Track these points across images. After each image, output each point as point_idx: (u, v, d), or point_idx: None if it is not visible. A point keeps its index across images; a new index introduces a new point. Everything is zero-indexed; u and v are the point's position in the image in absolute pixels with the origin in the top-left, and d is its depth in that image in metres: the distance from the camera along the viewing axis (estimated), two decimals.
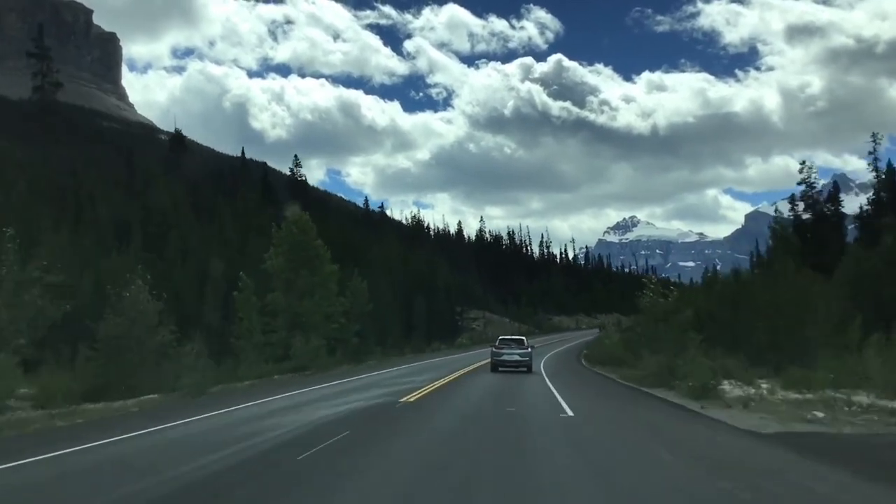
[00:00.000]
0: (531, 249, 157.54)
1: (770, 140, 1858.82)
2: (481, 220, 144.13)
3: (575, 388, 26.94)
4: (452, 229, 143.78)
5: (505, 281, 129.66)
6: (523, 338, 38.64)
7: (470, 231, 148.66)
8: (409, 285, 69.16)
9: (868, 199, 49.19)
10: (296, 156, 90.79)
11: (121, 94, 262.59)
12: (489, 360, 35.70)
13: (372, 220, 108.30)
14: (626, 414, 18.13)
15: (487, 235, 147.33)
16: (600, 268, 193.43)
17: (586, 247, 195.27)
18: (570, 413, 17.00)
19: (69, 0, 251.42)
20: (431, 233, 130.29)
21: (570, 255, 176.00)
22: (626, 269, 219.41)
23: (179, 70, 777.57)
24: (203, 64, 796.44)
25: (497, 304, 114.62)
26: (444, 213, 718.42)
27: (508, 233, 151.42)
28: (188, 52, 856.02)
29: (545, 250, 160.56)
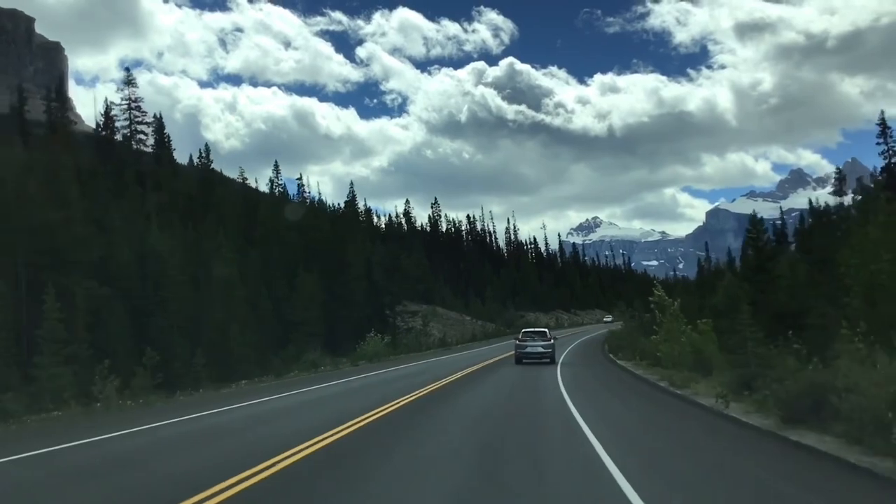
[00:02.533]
0: (496, 241, 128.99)
1: (725, 138, 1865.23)
2: (434, 202, 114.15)
3: None
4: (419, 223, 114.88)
5: (468, 275, 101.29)
6: (546, 330, 37.05)
7: (425, 221, 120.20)
8: (291, 262, 40.12)
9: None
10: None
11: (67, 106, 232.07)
12: None
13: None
14: None
15: (444, 224, 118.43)
16: (576, 261, 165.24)
17: (559, 237, 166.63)
18: None
19: (9, 7, 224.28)
20: (382, 224, 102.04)
21: (543, 247, 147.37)
22: (601, 264, 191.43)
23: (129, 82, 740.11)
24: (152, 75, 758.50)
25: (457, 301, 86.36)
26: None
27: (469, 221, 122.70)
28: (136, 64, 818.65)
29: (512, 237, 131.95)
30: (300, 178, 54.50)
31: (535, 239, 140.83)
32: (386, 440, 10.39)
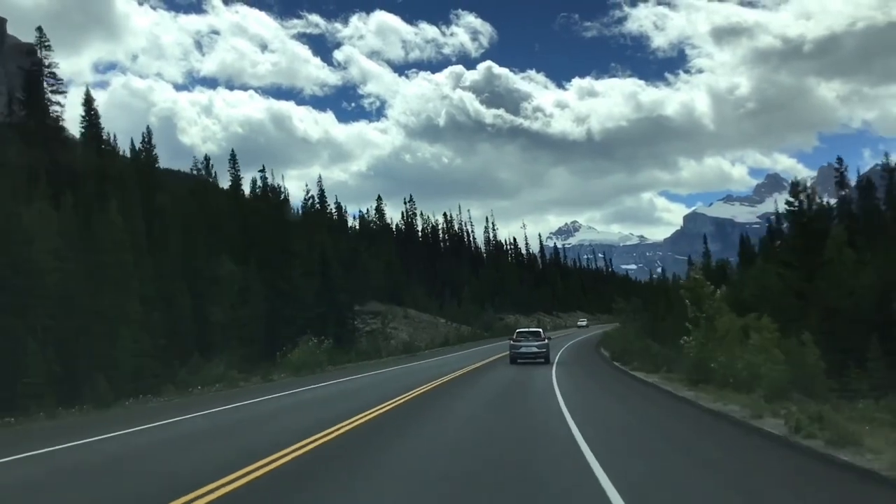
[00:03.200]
0: (474, 241, 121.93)
1: (702, 142, 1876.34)
2: (409, 199, 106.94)
3: None
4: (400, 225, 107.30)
5: (444, 275, 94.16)
6: (539, 330, 37.01)
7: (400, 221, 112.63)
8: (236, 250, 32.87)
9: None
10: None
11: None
12: None
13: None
14: None
15: (419, 224, 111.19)
16: (557, 262, 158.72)
17: (540, 237, 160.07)
18: None
19: None
20: (353, 223, 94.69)
21: (524, 247, 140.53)
22: (582, 265, 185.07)
23: (103, 85, 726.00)
24: (126, 78, 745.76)
25: (431, 303, 79.23)
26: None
27: (446, 219, 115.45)
28: (111, 67, 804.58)
29: (491, 237, 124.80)
30: (262, 169, 48.03)
31: (514, 240, 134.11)
32: None
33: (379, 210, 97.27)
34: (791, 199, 25.91)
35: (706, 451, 9.73)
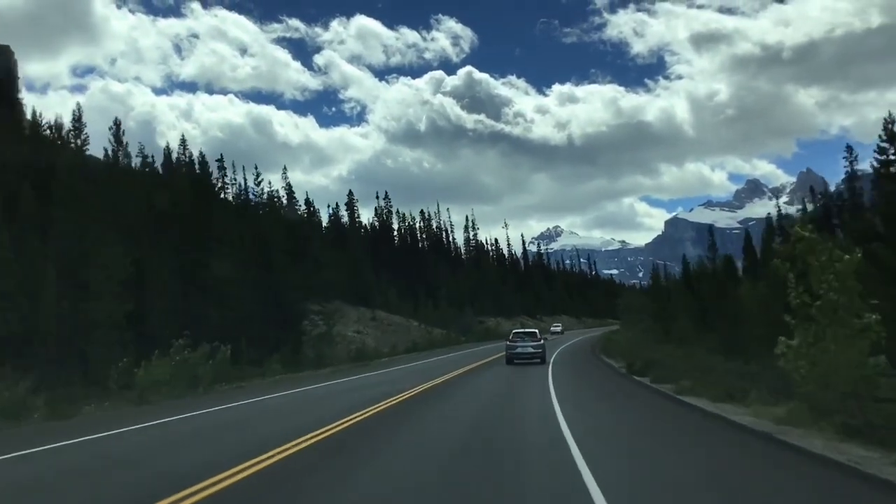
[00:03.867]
0: (454, 241, 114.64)
1: (682, 147, 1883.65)
2: (385, 196, 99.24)
3: None
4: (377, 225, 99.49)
5: (421, 275, 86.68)
6: (536, 331, 36.51)
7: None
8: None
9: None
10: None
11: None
12: None
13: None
14: None
15: (395, 223, 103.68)
16: (540, 264, 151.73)
17: (522, 237, 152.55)
18: None
19: None
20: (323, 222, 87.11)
21: (505, 248, 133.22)
22: (566, 269, 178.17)
23: (81, 89, 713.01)
24: (105, 81, 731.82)
25: (404, 304, 71.76)
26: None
27: (424, 217, 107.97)
28: (89, 70, 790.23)
29: (471, 236, 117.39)
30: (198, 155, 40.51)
31: (496, 241, 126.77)
32: None
33: (350, 207, 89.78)
34: (883, 146, 18.90)
35: None
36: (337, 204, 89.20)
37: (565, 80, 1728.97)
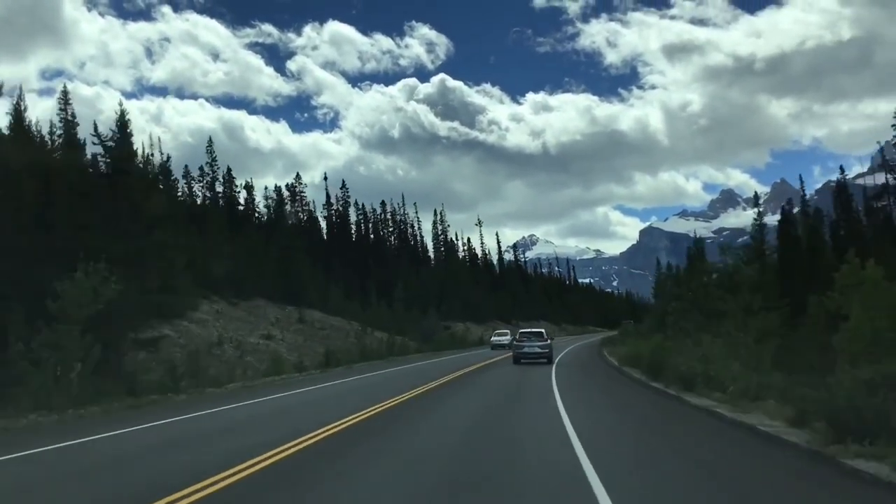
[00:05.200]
0: (420, 235, 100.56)
1: (656, 157, 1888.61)
2: (342, 185, 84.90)
3: None
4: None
5: (380, 273, 72.58)
6: (542, 331, 35.96)
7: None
8: None
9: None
10: None
11: None
12: None
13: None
14: None
15: (354, 216, 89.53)
16: (518, 266, 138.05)
17: (498, 238, 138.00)
18: None
19: None
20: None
21: (478, 247, 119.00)
22: (544, 273, 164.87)
23: (50, 92, 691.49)
24: (74, 85, 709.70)
25: (351, 304, 57.63)
26: None
27: (383, 207, 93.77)
28: (58, 74, 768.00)
29: (440, 231, 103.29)
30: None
31: (468, 240, 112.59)
32: None
33: (293, 189, 75.27)
34: None
35: None
36: (279, 189, 74.67)
37: (539, 89, 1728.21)
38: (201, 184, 64.96)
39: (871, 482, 7.16)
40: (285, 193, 74.14)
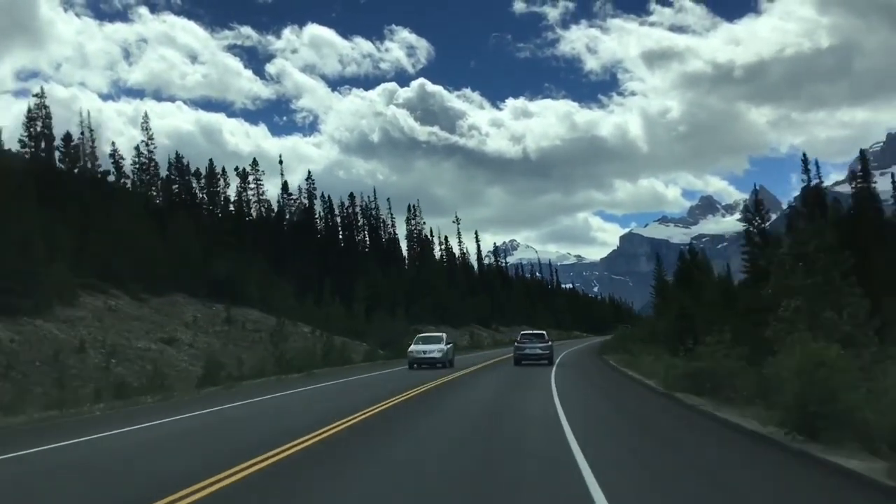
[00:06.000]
0: (392, 230, 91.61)
1: (636, 163, 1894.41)
2: (308, 175, 76.13)
3: None
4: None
5: (344, 271, 63.77)
6: (544, 333, 35.89)
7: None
8: None
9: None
10: None
11: None
12: None
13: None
14: None
15: (319, 206, 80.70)
16: (499, 268, 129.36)
17: (477, 237, 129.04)
18: None
19: None
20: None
21: (456, 246, 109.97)
22: (527, 276, 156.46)
23: (25, 94, 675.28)
24: (49, 86, 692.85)
25: (300, 304, 48.78)
26: None
27: (352, 199, 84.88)
28: (33, 75, 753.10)
29: (414, 229, 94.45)
30: None
31: (446, 238, 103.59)
32: None
33: (242, 176, 66.16)
34: None
35: None
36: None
37: (519, 95, 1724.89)
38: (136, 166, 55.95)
39: None
40: (234, 180, 65.08)
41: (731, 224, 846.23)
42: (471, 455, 9.20)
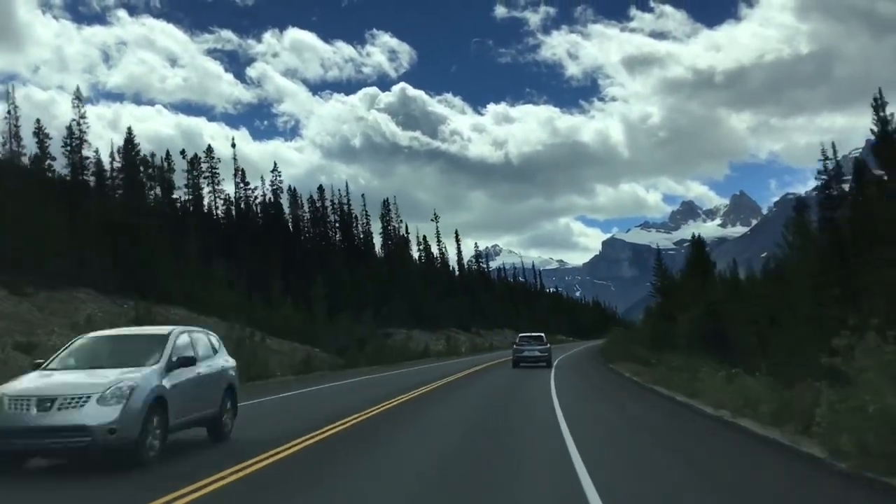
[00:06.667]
0: (367, 224, 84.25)
1: (617, 168, 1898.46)
2: (272, 169, 68.85)
3: None
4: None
5: (310, 269, 56.51)
6: (542, 335, 35.77)
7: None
8: None
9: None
10: None
11: None
12: None
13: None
14: None
15: (286, 202, 73.52)
16: (480, 270, 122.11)
17: (456, 235, 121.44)
18: None
19: None
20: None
21: (435, 246, 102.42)
22: (512, 279, 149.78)
23: (2, 96, 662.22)
24: (27, 89, 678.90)
25: (249, 304, 41.62)
26: None
27: (321, 192, 77.66)
28: (10, 77, 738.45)
29: (393, 228, 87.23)
30: None
31: (424, 238, 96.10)
32: None
33: (193, 163, 58.74)
34: None
35: None
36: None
37: (500, 100, 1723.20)
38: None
39: None
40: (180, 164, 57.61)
41: (712, 229, 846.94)
42: None
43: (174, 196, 54.72)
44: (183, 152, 58.51)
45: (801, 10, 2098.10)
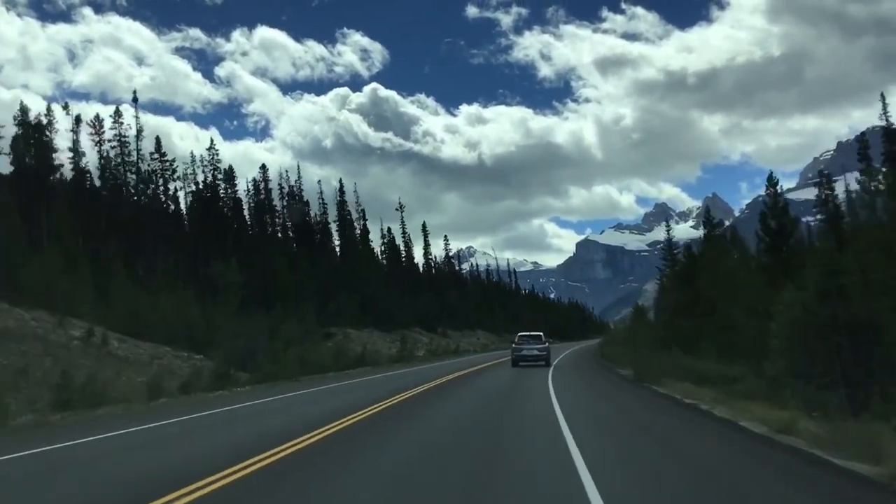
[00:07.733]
0: (324, 211, 72.39)
1: (591, 170, 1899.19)
2: (210, 145, 57.33)
3: None
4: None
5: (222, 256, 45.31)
6: (541, 334, 35.62)
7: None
8: None
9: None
10: None
11: None
12: None
13: None
14: None
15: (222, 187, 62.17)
16: (451, 268, 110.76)
17: (423, 228, 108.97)
18: None
19: None
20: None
21: (401, 241, 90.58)
22: (487, 278, 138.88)
23: None
24: None
25: (130, 291, 30.65)
26: None
27: (264, 174, 66.27)
28: None
29: (359, 224, 75.52)
30: None
31: (389, 230, 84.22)
32: None
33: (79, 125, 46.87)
34: None
35: None
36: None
37: (473, 101, 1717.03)
38: None
39: None
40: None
41: (685, 231, 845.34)
42: None
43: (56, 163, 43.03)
44: (66, 105, 46.77)
45: (773, 12, 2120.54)
